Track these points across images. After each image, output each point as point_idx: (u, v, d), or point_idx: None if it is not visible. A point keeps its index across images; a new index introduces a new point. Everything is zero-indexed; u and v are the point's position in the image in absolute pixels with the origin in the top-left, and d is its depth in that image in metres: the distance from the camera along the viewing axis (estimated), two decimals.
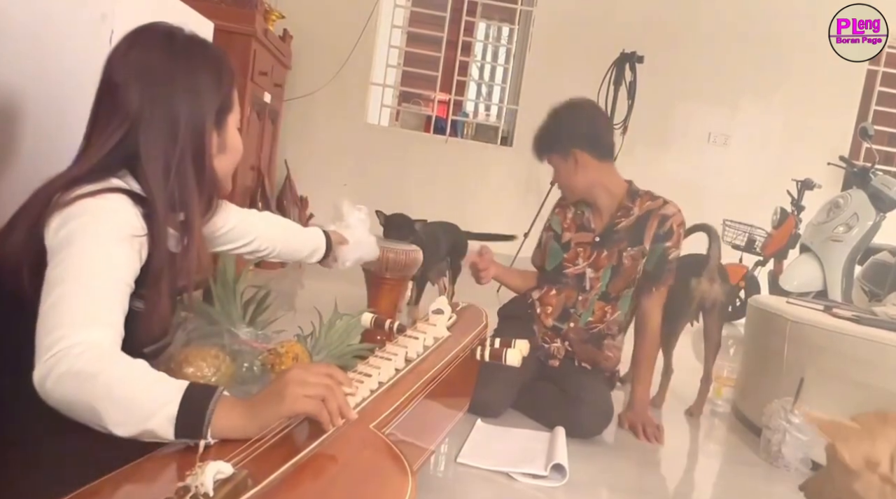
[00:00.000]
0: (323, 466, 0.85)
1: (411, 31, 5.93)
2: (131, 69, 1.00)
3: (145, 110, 0.99)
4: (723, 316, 2.35)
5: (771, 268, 4.30)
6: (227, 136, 1.09)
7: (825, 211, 3.99)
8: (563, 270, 2.12)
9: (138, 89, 0.99)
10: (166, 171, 1.00)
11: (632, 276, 2.04)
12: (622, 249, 2.04)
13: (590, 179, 2.05)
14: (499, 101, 6.30)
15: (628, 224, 2.04)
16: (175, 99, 1.00)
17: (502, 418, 1.93)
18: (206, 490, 0.69)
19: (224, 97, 1.07)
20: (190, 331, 1.67)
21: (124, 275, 0.93)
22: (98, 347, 0.85)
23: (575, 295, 2.09)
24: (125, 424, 0.82)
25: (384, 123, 5.92)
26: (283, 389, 0.86)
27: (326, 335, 1.95)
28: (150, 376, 0.86)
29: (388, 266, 2.39)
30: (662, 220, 2.00)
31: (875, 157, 4.14)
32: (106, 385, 0.82)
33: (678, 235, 2.02)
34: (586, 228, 2.11)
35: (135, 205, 0.96)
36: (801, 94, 5.36)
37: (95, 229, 0.92)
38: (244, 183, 3.78)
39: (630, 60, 3.98)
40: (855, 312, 2.21)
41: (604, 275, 2.06)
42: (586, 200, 2.10)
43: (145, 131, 0.99)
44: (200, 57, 1.05)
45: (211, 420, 0.82)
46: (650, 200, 2.05)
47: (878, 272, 3.56)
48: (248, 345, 1.70)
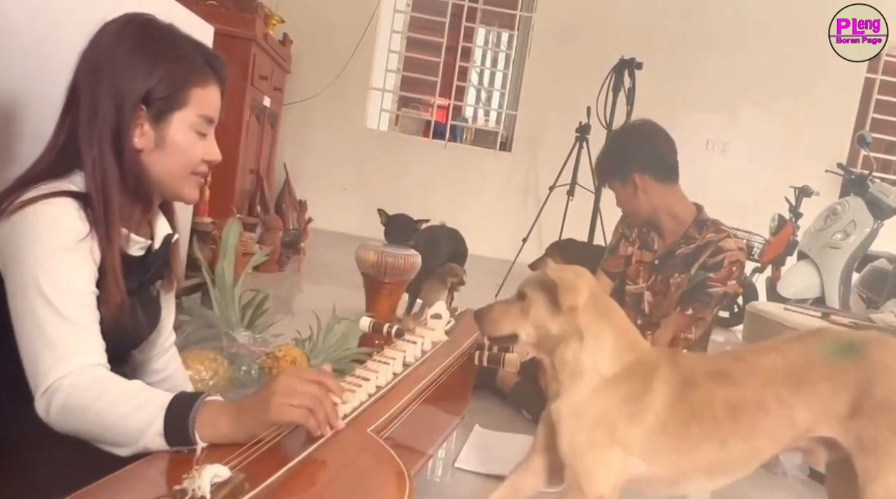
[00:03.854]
0: (320, 469, 0.85)
1: (411, 36, 5.94)
2: (83, 54, 0.98)
3: (83, 91, 0.96)
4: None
5: (769, 274, 4.31)
6: (168, 132, 0.99)
7: (823, 218, 3.99)
8: (624, 285, 2.09)
9: (83, 75, 0.97)
10: (89, 152, 0.95)
11: (674, 302, 1.98)
12: (671, 276, 1.99)
13: (654, 204, 1.98)
14: (498, 106, 6.31)
15: (687, 252, 1.97)
16: (103, 76, 0.96)
17: (500, 423, 1.92)
18: (203, 493, 0.69)
19: (163, 87, 0.97)
20: (188, 334, 1.67)
21: (85, 284, 0.92)
22: (84, 375, 0.87)
23: (634, 316, 2.05)
24: (123, 445, 0.86)
25: (383, 128, 5.94)
26: (269, 398, 0.86)
27: (324, 339, 1.94)
28: (136, 398, 0.87)
29: (387, 270, 2.39)
30: (716, 252, 1.91)
31: (873, 164, 4.15)
32: (97, 414, 0.85)
33: (728, 270, 1.90)
34: (649, 248, 2.06)
35: (80, 207, 0.93)
36: (800, 101, 5.39)
37: (45, 244, 0.89)
38: (243, 187, 3.79)
39: (629, 67, 3.98)
40: (852, 318, 2.21)
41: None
42: (651, 222, 2.04)
43: (80, 113, 0.96)
44: (147, 40, 0.98)
45: (196, 428, 0.84)
46: (714, 232, 1.95)
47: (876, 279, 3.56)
48: (246, 348, 1.70)
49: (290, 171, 4.60)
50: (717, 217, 2.03)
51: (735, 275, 1.92)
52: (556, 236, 4.35)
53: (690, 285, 1.94)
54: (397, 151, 5.58)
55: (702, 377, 1.16)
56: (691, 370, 1.18)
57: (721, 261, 1.90)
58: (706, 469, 1.17)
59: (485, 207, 5.49)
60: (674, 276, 1.98)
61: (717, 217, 2.03)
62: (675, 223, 2.01)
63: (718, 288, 1.91)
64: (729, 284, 1.92)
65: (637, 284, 2.08)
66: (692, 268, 1.94)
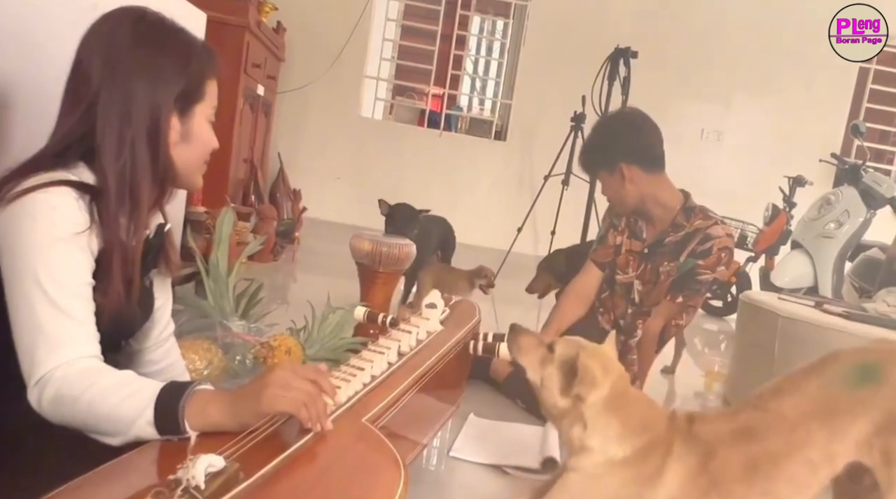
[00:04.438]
0: (315, 459, 0.85)
1: (406, 24, 5.90)
2: (95, 48, 0.98)
3: (104, 89, 0.97)
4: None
5: (762, 264, 4.33)
6: (192, 125, 1.05)
7: (816, 208, 4.01)
8: (614, 274, 2.10)
9: (99, 68, 0.97)
10: (119, 151, 0.97)
11: (664, 290, 1.98)
12: (660, 264, 1.99)
13: (641, 193, 1.97)
14: (493, 95, 6.28)
15: (675, 239, 1.97)
16: (133, 77, 0.98)
17: (495, 413, 1.93)
18: (198, 483, 0.69)
19: (190, 83, 1.03)
20: (182, 324, 1.67)
21: (82, 275, 0.93)
22: (76, 365, 0.88)
23: (624, 306, 2.06)
24: (115, 435, 0.86)
25: (378, 117, 5.91)
26: (263, 389, 0.86)
27: (319, 329, 1.94)
28: (127, 387, 0.88)
29: (382, 260, 2.39)
30: (705, 239, 1.92)
31: (866, 154, 4.16)
32: (88, 404, 0.86)
33: (717, 257, 1.91)
34: (637, 237, 2.06)
35: (80, 197, 0.93)
36: (794, 91, 5.39)
37: (43, 234, 0.90)
38: (237, 176, 3.77)
39: (624, 56, 3.97)
40: (845, 308, 2.22)
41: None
42: (639, 211, 2.04)
43: (103, 110, 0.97)
44: (167, 39, 1.02)
45: (186, 417, 0.84)
46: (702, 219, 1.96)
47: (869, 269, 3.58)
48: (241, 338, 1.69)
49: (284, 160, 4.58)
50: (711, 207, 2.03)
51: (724, 261, 1.93)
52: (551, 225, 4.36)
53: (680, 273, 1.94)
54: (392, 141, 5.56)
55: (721, 443, 1.13)
56: (710, 437, 1.14)
57: (710, 248, 1.91)
58: None
59: (480, 197, 5.49)
60: (663, 264, 1.99)
61: (712, 207, 2.03)
62: (662, 211, 2.00)
63: (708, 275, 1.92)
64: (718, 271, 1.93)
65: (627, 274, 2.08)
66: (681, 256, 1.95)
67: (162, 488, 0.69)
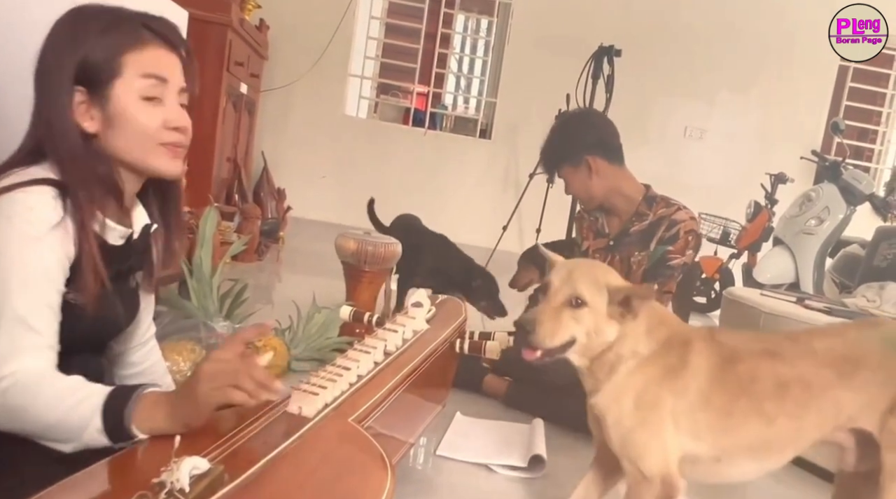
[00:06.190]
0: (301, 460, 0.84)
1: (390, 22, 5.88)
2: (45, 42, 0.98)
3: (34, 86, 0.96)
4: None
5: (745, 260, 4.37)
6: (112, 106, 0.95)
7: (798, 204, 4.05)
8: None
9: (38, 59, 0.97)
10: (48, 142, 0.95)
11: (638, 280, 2.00)
12: (630, 254, 2.02)
13: (607, 185, 2.01)
14: (478, 93, 6.28)
15: (640, 228, 2.01)
16: (38, 66, 0.96)
17: (481, 411, 1.93)
18: (182, 486, 0.69)
19: (94, 53, 0.94)
20: (165, 325, 1.65)
21: (54, 280, 0.91)
22: (25, 375, 0.87)
23: None
24: (66, 442, 0.86)
25: (362, 115, 5.89)
26: (195, 389, 0.86)
27: (305, 329, 1.94)
28: (75, 395, 0.87)
29: (367, 259, 2.38)
30: (671, 225, 1.96)
31: (846, 151, 4.21)
32: (37, 414, 0.86)
33: (685, 241, 1.95)
34: (601, 234, 2.10)
35: (57, 195, 0.92)
36: (776, 89, 5.45)
37: (19, 236, 0.89)
38: (220, 175, 3.73)
39: (608, 54, 3.99)
40: (826, 303, 2.25)
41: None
42: (604, 206, 2.07)
43: (34, 105, 0.96)
44: (69, 22, 0.96)
45: (134, 423, 0.84)
46: (665, 207, 2.00)
47: (849, 264, 3.62)
48: (225, 339, 1.68)
49: (268, 159, 4.54)
50: (694, 203, 2.06)
51: (692, 244, 1.98)
52: (536, 223, 4.37)
53: (652, 261, 1.99)
54: (377, 139, 5.54)
55: (747, 353, 1.15)
56: (734, 346, 1.17)
57: (676, 233, 1.96)
58: (751, 448, 1.16)
59: (465, 195, 5.49)
60: (633, 254, 2.03)
61: (695, 203, 2.06)
62: (626, 203, 2.05)
63: (679, 259, 1.97)
64: (687, 254, 1.98)
65: None
66: (650, 244, 2.00)
67: (146, 492, 0.68)
